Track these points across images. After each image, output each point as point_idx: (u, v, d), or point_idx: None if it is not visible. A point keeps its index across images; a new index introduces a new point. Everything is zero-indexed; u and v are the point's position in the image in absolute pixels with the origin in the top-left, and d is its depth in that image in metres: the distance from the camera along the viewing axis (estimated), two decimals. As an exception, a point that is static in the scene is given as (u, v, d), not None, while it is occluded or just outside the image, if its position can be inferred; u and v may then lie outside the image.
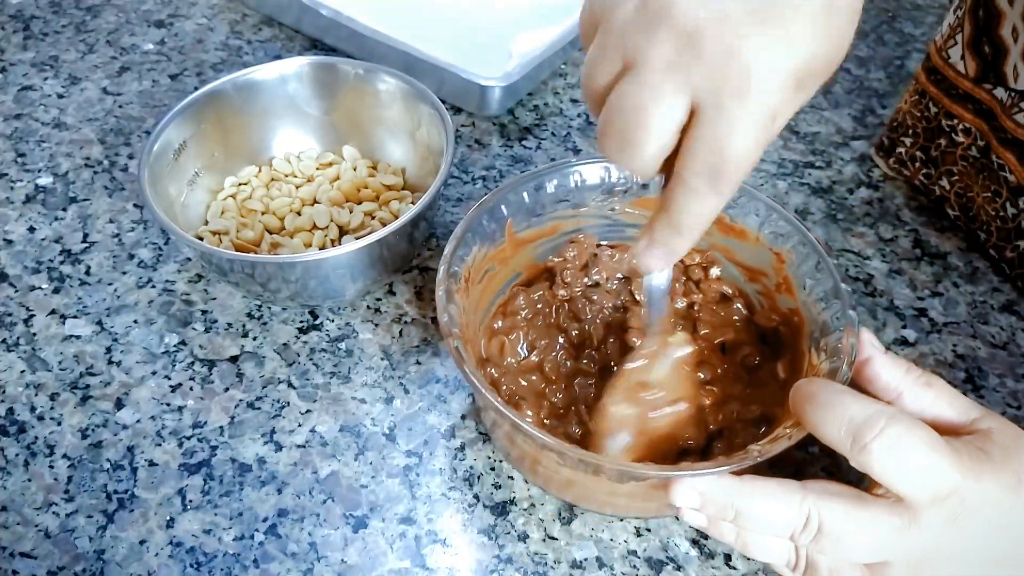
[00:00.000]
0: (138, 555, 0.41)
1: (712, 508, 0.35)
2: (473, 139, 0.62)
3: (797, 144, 0.62)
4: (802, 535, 0.34)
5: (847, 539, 0.34)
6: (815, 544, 0.34)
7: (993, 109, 0.50)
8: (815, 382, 0.36)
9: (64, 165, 0.59)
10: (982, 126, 0.51)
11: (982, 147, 0.52)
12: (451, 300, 0.41)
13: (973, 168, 0.53)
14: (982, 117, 0.51)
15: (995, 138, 0.50)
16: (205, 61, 0.67)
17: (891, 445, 0.33)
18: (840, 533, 0.34)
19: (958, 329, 0.52)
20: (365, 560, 0.41)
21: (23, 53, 0.68)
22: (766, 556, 0.37)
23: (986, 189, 0.52)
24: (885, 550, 0.34)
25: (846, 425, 0.33)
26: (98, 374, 0.48)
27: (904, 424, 0.33)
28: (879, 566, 0.34)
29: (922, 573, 0.34)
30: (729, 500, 0.35)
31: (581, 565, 0.42)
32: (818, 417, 0.34)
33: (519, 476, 0.44)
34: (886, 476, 0.33)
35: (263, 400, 0.47)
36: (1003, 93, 0.49)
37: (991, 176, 0.51)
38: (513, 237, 0.46)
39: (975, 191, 0.52)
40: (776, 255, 0.44)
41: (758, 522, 0.35)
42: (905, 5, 0.76)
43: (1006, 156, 0.50)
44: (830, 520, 0.34)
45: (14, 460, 0.44)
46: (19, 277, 0.52)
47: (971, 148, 0.52)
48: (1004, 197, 0.51)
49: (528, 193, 0.46)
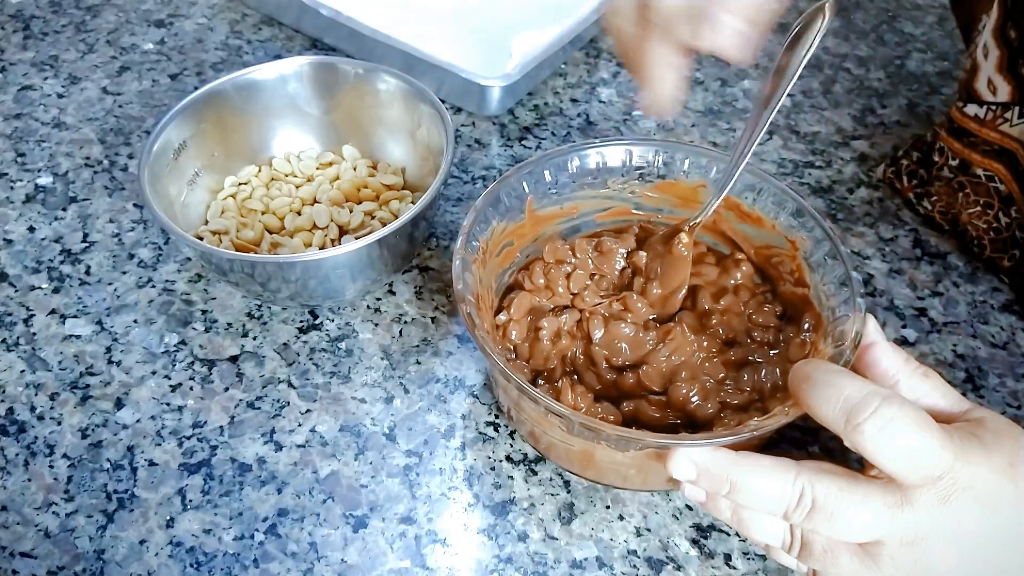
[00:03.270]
0: (138, 555, 0.41)
1: (706, 480, 0.36)
2: (473, 139, 0.62)
3: (797, 144, 0.62)
4: (795, 512, 0.35)
5: (840, 517, 0.34)
6: (808, 522, 0.35)
7: (965, 127, 0.51)
8: (812, 363, 0.36)
9: (64, 165, 0.59)
10: (953, 144, 0.52)
11: (955, 166, 0.52)
12: (467, 269, 0.42)
13: (949, 187, 0.53)
14: (954, 136, 0.52)
15: (978, 152, 0.51)
16: (205, 61, 0.67)
17: (883, 426, 0.33)
18: (833, 511, 0.34)
19: (958, 329, 0.52)
20: (365, 560, 0.41)
21: (23, 53, 0.68)
22: (761, 535, 0.37)
23: (974, 204, 0.52)
24: (878, 529, 0.34)
25: (841, 404, 0.34)
26: (98, 374, 0.48)
27: (897, 405, 0.33)
28: (872, 545, 0.35)
29: (914, 552, 0.34)
30: (724, 473, 0.35)
31: (581, 565, 0.42)
32: (814, 396, 0.35)
33: (519, 476, 0.44)
34: (878, 456, 0.33)
35: (263, 400, 0.47)
36: (977, 108, 0.50)
37: (976, 190, 0.52)
38: (533, 214, 0.47)
39: (958, 207, 0.53)
40: (791, 242, 0.45)
41: (752, 497, 0.35)
42: (905, 5, 0.76)
43: (995, 168, 0.50)
44: (823, 498, 0.34)
45: (14, 460, 0.44)
46: (19, 277, 0.52)
47: (943, 169, 0.53)
48: (996, 208, 0.51)
49: (550, 172, 0.47)
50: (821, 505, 0.34)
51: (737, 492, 0.35)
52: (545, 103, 0.65)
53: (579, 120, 0.64)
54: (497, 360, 0.38)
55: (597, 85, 0.67)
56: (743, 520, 0.37)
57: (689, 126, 0.64)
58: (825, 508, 0.34)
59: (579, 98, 0.66)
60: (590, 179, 0.48)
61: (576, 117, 0.65)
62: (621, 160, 0.48)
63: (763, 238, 0.47)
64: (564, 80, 0.67)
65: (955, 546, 0.34)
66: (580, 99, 0.66)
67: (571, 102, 0.66)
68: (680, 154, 0.48)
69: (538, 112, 0.65)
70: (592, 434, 0.38)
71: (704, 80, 0.68)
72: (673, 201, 0.49)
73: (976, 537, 0.34)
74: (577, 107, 0.65)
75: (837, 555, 0.35)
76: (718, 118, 0.65)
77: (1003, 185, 0.50)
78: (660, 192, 0.49)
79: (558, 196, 0.48)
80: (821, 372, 0.35)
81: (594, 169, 0.48)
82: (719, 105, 0.66)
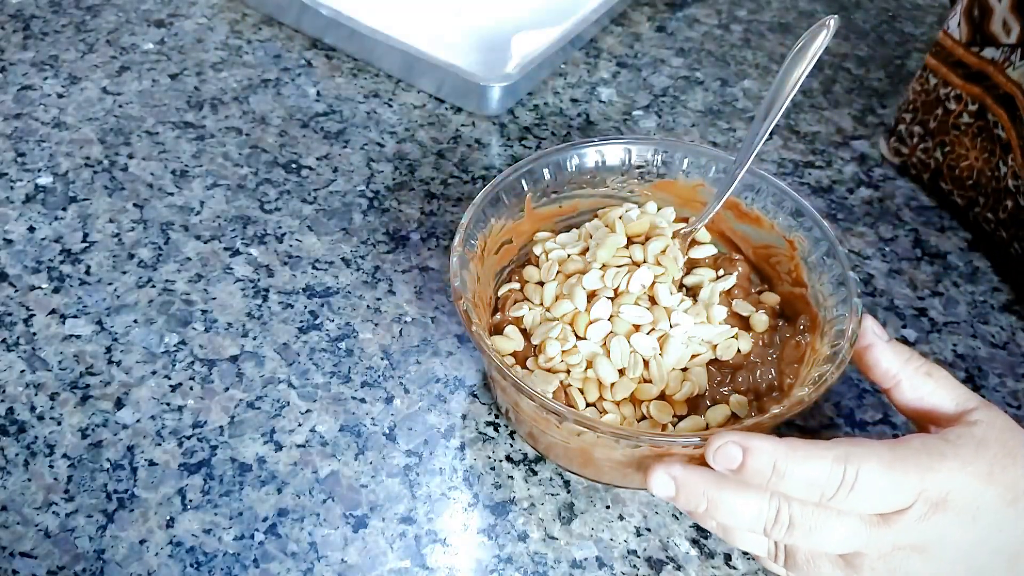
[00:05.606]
0: (138, 555, 0.41)
1: (684, 497, 0.36)
2: (473, 139, 0.62)
3: (797, 144, 0.62)
4: (774, 529, 0.35)
5: (818, 532, 0.34)
6: (788, 537, 0.35)
7: (984, 70, 0.51)
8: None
9: (64, 165, 0.59)
10: (974, 90, 0.52)
11: (974, 111, 0.52)
12: (464, 266, 0.42)
13: (966, 135, 0.53)
14: (973, 81, 0.52)
15: (991, 96, 0.51)
16: (205, 61, 0.67)
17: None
18: (810, 526, 0.34)
19: (958, 329, 0.52)
20: (365, 560, 0.41)
21: (23, 53, 0.68)
22: (747, 546, 0.38)
23: (984, 151, 0.52)
24: (856, 542, 0.34)
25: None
26: (98, 374, 0.48)
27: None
28: (853, 556, 0.35)
29: (892, 563, 0.35)
30: (700, 490, 0.35)
31: (581, 565, 0.42)
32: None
33: (519, 476, 0.44)
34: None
35: (263, 400, 0.47)
36: (994, 51, 0.50)
37: (988, 138, 0.52)
38: (532, 212, 0.47)
39: (972, 156, 0.53)
40: (789, 242, 0.45)
41: (730, 515, 0.35)
42: (905, 5, 0.76)
43: (998, 112, 0.51)
44: (799, 515, 0.34)
45: (14, 460, 0.44)
46: (19, 277, 0.52)
47: (962, 115, 0.53)
48: (997, 156, 0.51)
49: (549, 170, 0.47)
50: (798, 522, 0.34)
51: (716, 509, 0.35)
52: (545, 103, 0.65)
53: (579, 120, 0.64)
54: (493, 357, 0.38)
55: (597, 85, 0.67)
56: (727, 532, 0.37)
57: (689, 126, 0.64)
58: (802, 524, 0.34)
59: (579, 98, 0.66)
60: (589, 178, 0.48)
61: (576, 117, 0.65)
62: (620, 159, 0.48)
63: (761, 238, 0.47)
64: (564, 80, 0.67)
65: (935, 558, 0.34)
66: (580, 99, 0.66)
67: (571, 102, 0.66)
68: (679, 153, 0.48)
69: (538, 112, 0.65)
70: (588, 432, 0.38)
71: (704, 80, 0.68)
72: (672, 200, 0.49)
73: (960, 546, 0.34)
74: (577, 107, 0.65)
75: (819, 566, 0.36)
76: (718, 118, 0.65)
77: (1004, 133, 0.50)
78: (659, 191, 0.49)
79: (557, 195, 0.48)
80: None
81: (593, 168, 0.48)
82: (719, 105, 0.66)
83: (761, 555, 0.38)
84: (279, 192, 0.58)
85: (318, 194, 0.58)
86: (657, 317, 0.42)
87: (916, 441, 0.35)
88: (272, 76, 0.66)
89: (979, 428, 0.35)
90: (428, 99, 0.65)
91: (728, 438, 0.34)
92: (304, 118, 0.63)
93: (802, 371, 0.41)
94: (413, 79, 0.65)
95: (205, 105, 0.64)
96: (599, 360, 0.41)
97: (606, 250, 0.43)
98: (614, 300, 0.43)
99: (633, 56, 0.70)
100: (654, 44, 0.71)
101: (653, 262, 0.43)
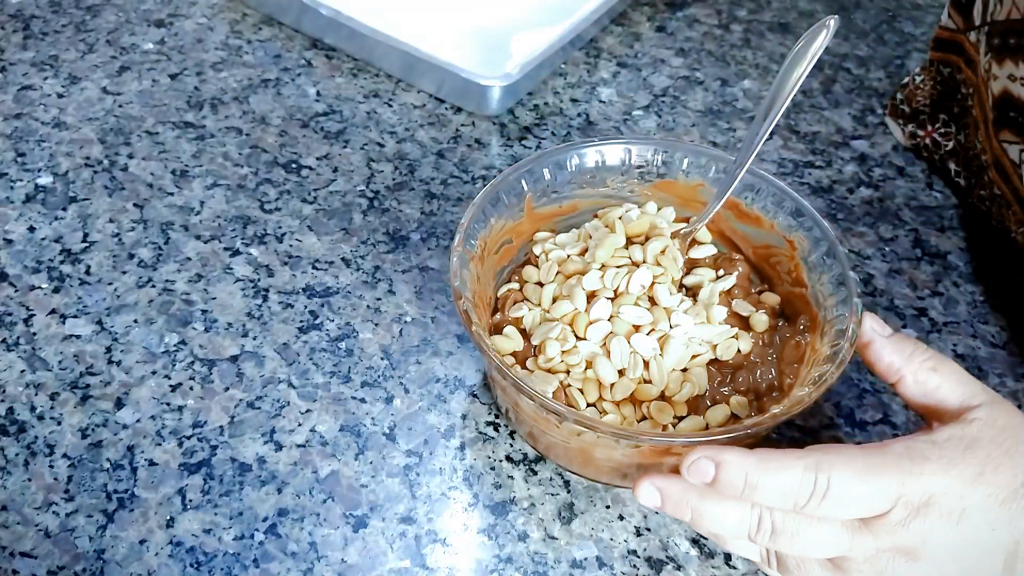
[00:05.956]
0: (138, 555, 0.41)
1: (669, 507, 0.36)
2: (473, 139, 0.62)
3: (797, 144, 0.62)
4: (758, 536, 0.35)
5: (802, 538, 0.35)
6: (773, 544, 0.35)
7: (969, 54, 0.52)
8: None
9: (64, 165, 0.59)
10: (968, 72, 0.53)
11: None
12: (464, 266, 0.42)
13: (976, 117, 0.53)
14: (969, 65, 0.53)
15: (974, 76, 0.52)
16: (205, 61, 0.67)
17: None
18: (793, 533, 0.35)
19: (958, 329, 0.52)
20: (365, 560, 0.41)
21: (23, 53, 0.68)
22: (739, 551, 0.38)
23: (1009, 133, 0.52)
24: (839, 547, 0.35)
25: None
26: (98, 374, 0.48)
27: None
28: (840, 559, 0.35)
29: (880, 564, 0.35)
30: (684, 499, 0.36)
31: (581, 565, 0.42)
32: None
33: (519, 476, 0.44)
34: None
35: (263, 400, 0.47)
36: (975, 36, 0.51)
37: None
38: (532, 212, 0.47)
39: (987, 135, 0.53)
40: (789, 242, 0.45)
41: (713, 523, 0.36)
42: (905, 5, 0.76)
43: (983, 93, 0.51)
44: (781, 522, 0.35)
45: (14, 460, 0.44)
46: (19, 277, 0.52)
47: (968, 99, 0.54)
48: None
49: (549, 170, 0.47)
50: (780, 528, 0.35)
51: (700, 518, 0.36)
52: (545, 103, 0.65)
53: (579, 120, 0.64)
54: (493, 357, 0.38)
55: (597, 85, 0.67)
56: (719, 539, 0.38)
57: (689, 126, 0.64)
58: (785, 531, 0.35)
59: (579, 98, 0.66)
60: (589, 177, 0.48)
61: (576, 117, 0.65)
62: (620, 159, 0.48)
63: (761, 238, 0.47)
64: (564, 80, 0.67)
65: (924, 559, 0.34)
66: (580, 99, 0.66)
67: (571, 102, 0.66)
68: (679, 153, 0.48)
69: (538, 112, 0.65)
70: (588, 432, 0.38)
71: (704, 80, 0.68)
72: (672, 200, 0.49)
73: (948, 548, 0.34)
74: (577, 107, 0.65)
75: (809, 569, 0.36)
76: (718, 118, 0.65)
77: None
78: (659, 191, 0.49)
79: (557, 194, 0.48)
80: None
81: (593, 168, 0.48)
82: (719, 105, 0.66)
83: (755, 560, 0.38)
84: (279, 192, 0.58)
85: (318, 194, 0.58)
86: (657, 317, 0.42)
87: (898, 446, 0.35)
88: (272, 76, 0.66)
89: (973, 427, 0.35)
90: (428, 99, 0.65)
91: (701, 453, 0.35)
92: (304, 118, 0.63)
93: (802, 371, 0.41)
94: (413, 79, 0.65)
95: (205, 105, 0.64)
96: (599, 360, 0.41)
97: (606, 250, 0.43)
98: (614, 300, 0.43)
99: (633, 56, 0.70)
100: (654, 44, 0.71)
101: (653, 262, 0.43)
